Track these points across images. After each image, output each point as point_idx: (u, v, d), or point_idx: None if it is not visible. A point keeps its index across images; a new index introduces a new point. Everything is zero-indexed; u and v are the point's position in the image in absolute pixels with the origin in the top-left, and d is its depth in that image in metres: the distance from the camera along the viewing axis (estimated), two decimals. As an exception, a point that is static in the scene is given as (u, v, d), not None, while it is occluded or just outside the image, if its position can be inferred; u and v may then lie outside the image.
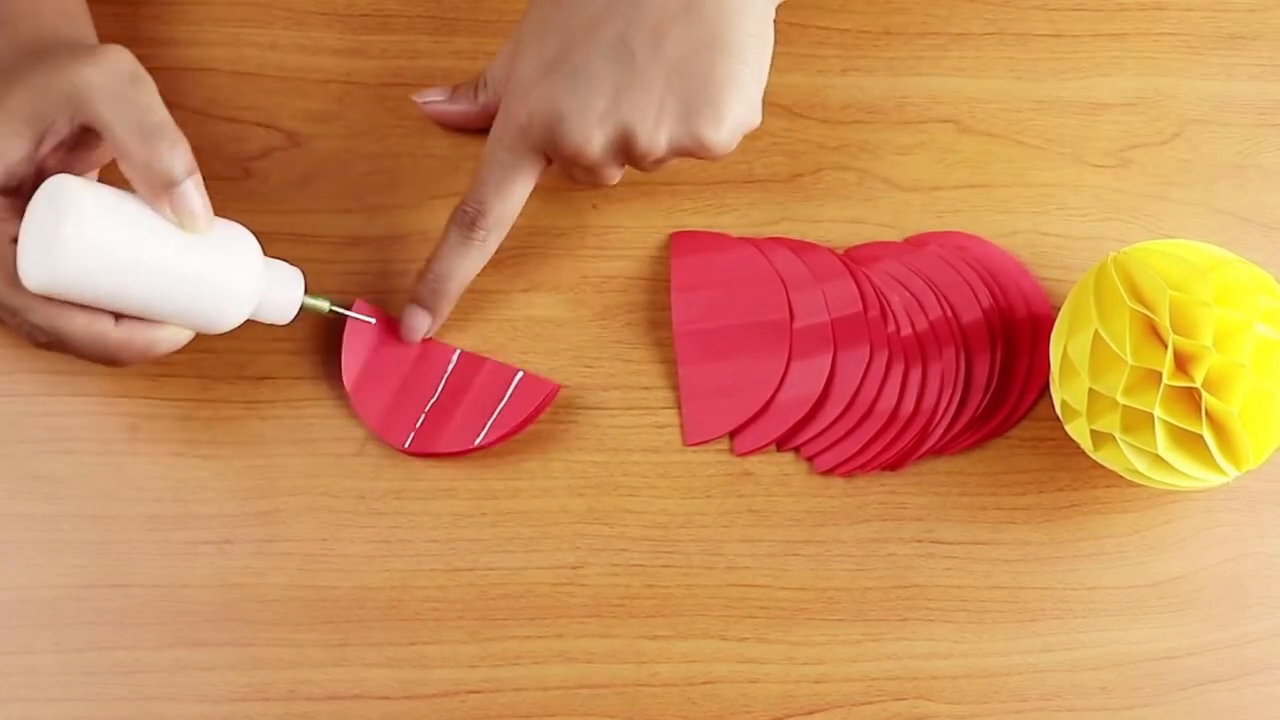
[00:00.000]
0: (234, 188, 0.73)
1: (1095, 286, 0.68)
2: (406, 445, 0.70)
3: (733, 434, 0.72)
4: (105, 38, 0.75)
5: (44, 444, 0.70)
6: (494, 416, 0.70)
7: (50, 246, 0.59)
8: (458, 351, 0.71)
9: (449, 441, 0.70)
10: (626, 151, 0.68)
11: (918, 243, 0.75)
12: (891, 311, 0.73)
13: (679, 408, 0.72)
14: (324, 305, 0.69)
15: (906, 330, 0.73)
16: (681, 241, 0.74)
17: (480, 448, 0.70)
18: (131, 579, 0.68)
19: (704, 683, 0.68)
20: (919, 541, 0.71)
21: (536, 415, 0.70)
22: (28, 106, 0.61)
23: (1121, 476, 0.69)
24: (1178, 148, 0.78)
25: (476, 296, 0.72)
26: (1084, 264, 0.75)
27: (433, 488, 0.70)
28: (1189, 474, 0.66)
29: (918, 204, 0.76)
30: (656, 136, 0.67)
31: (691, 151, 0.68)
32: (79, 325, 0.62)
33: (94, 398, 0.70)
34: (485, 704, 0.68)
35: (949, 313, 0.73)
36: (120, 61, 0.62)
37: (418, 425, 0.70)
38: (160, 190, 0.61)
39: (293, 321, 0.68)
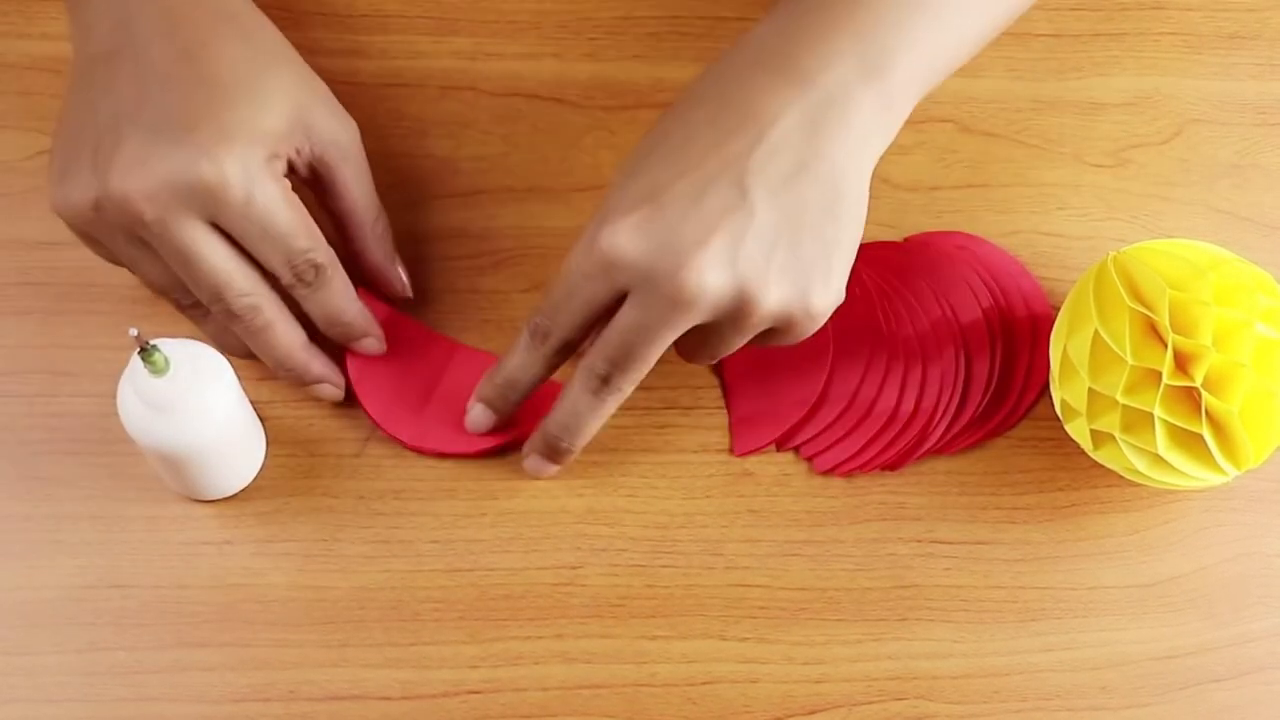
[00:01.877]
0: (234, 188, 0.73)
1: (1095, 286, 0.68)
2: (410, 440, 0.69)
3: (732, 435, 0.72)
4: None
5: (44, 444, 0.70)
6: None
7: (181, 400, 0.62)
8: (464, 348, 0.71)
9: (455, 441, 0.70)
10: (732, 304, 0.62)
11: (918, 243, 0.75)
12: (891, 312, 0.73)
13: (728, 419, 0.72)
14: None
15: (906, 330, 0.73)
16: None
17: (485, 450, 0.70)
18: (131, 579, 0.68)
19: (704, 683, 0.68)
20: (919, 541, 0.71)
21: (536, 419, 0.70)
22: (291, 118, 0.66)
23: (1121, 476, 0.69)
24: (1177, 147, 0.78)
25: (476, 297, 0.72)
26: (1084, 264, 0.75)
27: (433, 488, 0.70)
28: (1189, 474, 0.66)
29: (918, 204, 0.76)
30: (768, 291, 0.62)
31: (792, 319, 0.63)
32: (339, 285, 0.68)
33: (94, 398, 0.70)
34: (485, 704, 0.68)
35: (949, 313, 0.73)
36: (359, 136, 0.69)
37: (422, 420, 0.70)
38: (387, 261, 0.70)
39: None
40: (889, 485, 0.72)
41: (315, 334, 0.69)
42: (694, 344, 0.66)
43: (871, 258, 0.75)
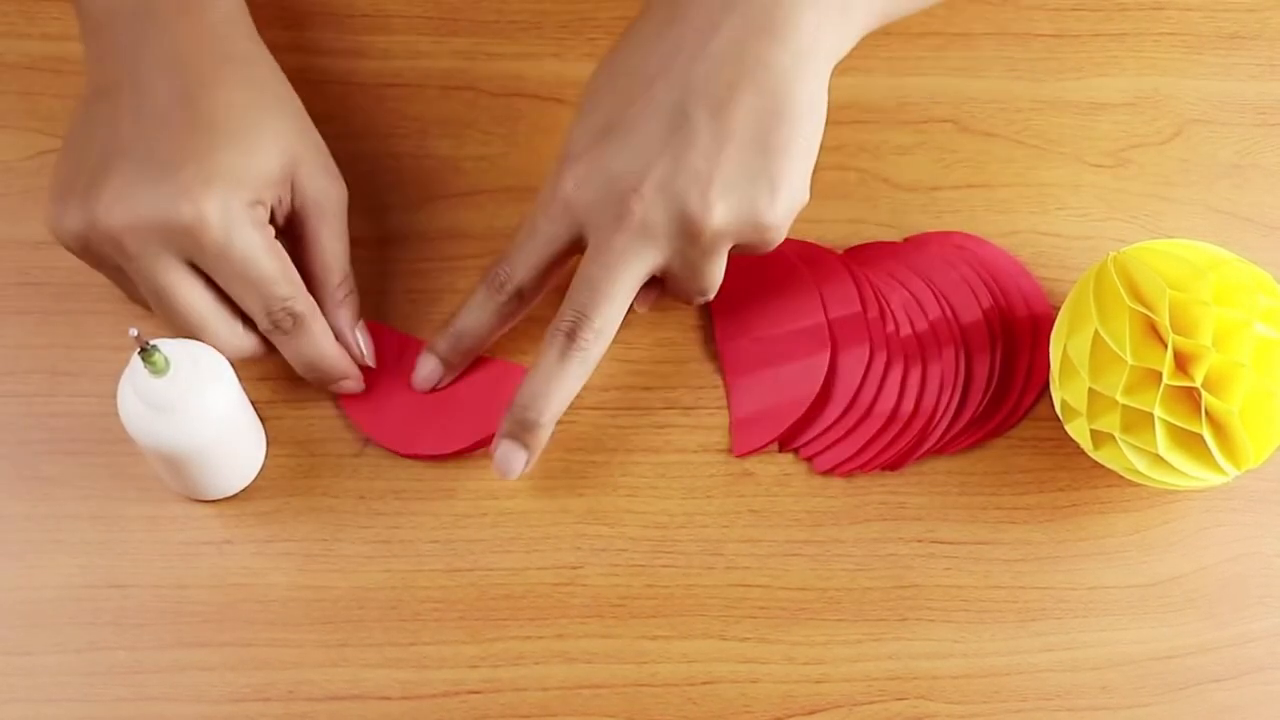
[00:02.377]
0: (234, 188, 0.73)
1: (1095, 286, 0.68)
2: (401, 448, 0.70)
3: (732, 436, 0.72)
4: (105, 38, 0.75)
5: (44, 444, 0.70)
6: (486, 412, 0.70)
7: (181, 400, 0.62)
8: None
9: (446, 442, 0.70)
10: (678, 225, 0.63)
11: (918, 243, 0.75)
12: (891, 312, 0.73)
13: (730, 420, 0.72)
14: None
15: (906, 330, 0.73)
16: None
17: (474, 446, 0.70)
18: (131, 579, 0.68)
19: (704, 683, 0.68)
20: (919, 541, 0.71)
21: None
22: (285, 164, 0.66)
23: (1121, 476, 0.69)
24: (1177, 147, 0.78)
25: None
26: (1084, 264, 0.75)
27: (433, 488, 0.70)
28: (1189, 474, 0.66)
29: (917, 204, 0.76)
30: (711, 210, 0.63)
31: (748, 232, 0.64)
32: (319, 325, 0.68)
33: (94, 398, 0.70)
34: (485, 704, 0.67)
35: (949, 313, 0.73)
36: (344, 198, 0.69)
37: (411, 425, 0.70)
38: (347, 328, 0.69)
39: None
40: (889, 485, 0.72)
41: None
42: (674, 279, 0.66)
43: (871, 258, 0.75)
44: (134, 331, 0.58)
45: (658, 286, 0.68)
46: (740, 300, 0.73)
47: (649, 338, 0.73)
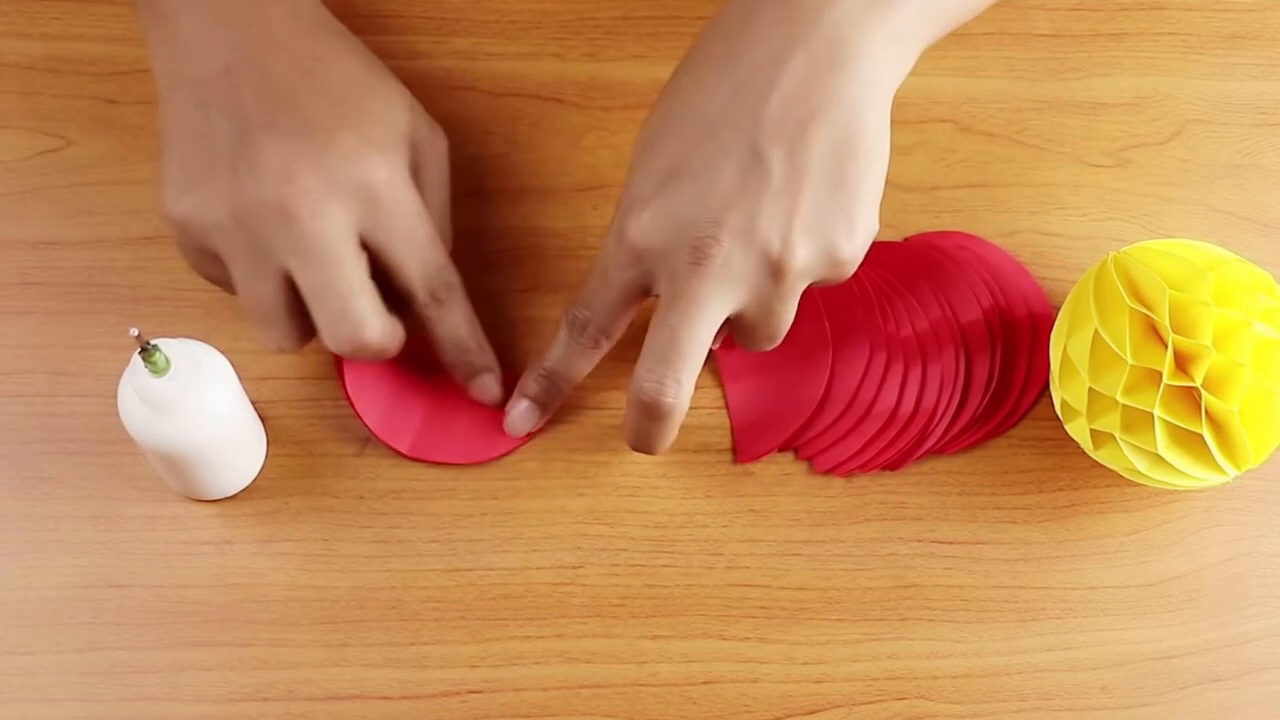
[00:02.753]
0: (234, 188, 0.73)
1: (1095, 286, 0.68)
2: (408, 450, 0.70)
3: (735, 444, 0.71)
4: (107, 38, 0.75)
5: (44, 444, 0.70)
6: (496, 429, 0.70)
7: (181, 400, 0.62)
8: None
9: (454, 451, 0.70)
10: (765, 272, 0.62)
11: (918, 243, 0.75)
12: (891, 312, 0.73)
13: (730, 427, 0.72)
14: None
15: (906, 330, 0.73)
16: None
17: (484, 460, 0.70)
18: (131, 579, 0.68)
19: (704, 682, 0.68)
20: (919, 541, 0.71)
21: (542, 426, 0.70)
22: (407, 127, 0.67)
23: (1121, 476, 0.69)
24: (1177, 147, 0.78)
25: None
26: (1084, 264, 0.75)
27: (433, 488, 0.70)
28: (1189, 473, 0.66)
29: (918, 204, 0.76)
30: (794, 250, 0.62)
31: (826, 269, 0.63)
32: (465, 297, 0.68)
33: (94, 398, 0.70)
34: (485, 704, 0.67)
35: (949, 313, 0.73)
36: (446, 144, 0.70)
37: (420, 430, 0.70)
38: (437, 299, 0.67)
39: None
40: (889, 485, 0.72)
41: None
42: (747, 322, 0.64)
43: (871, 258, 0.74)
44: (134, 331, 0.58)
45: (727, 327, 0.66)
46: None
47: (649, 338, 0.73)
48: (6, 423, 0.70)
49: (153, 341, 0.60)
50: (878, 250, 0.75)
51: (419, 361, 0.71)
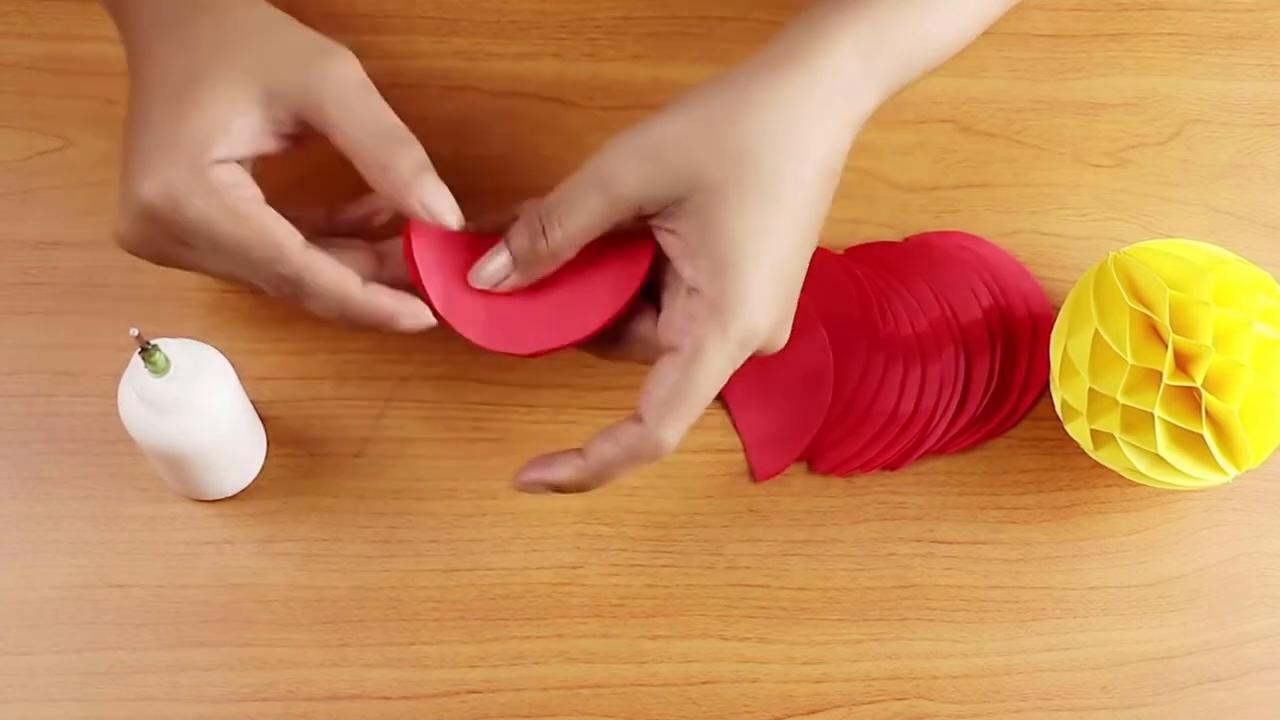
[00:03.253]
0: (234, 188, 0.73)
1: (1095, 286, 0.68)
2: (473, 335, 0.64)
3: (750, 462, 0.71)
4: (107, 38, 0.75)
5: (44, 444, 0.70)
6: (602, 291, 0.64)
7: (182, 400, 0.62)
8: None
9: (519, 340, 0.64)
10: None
11: (918, 243, 0.75)
12: (891, 312, 0.73)
13: (742, 446, 0.72)
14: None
15: (906, 330, 0.73)
16: None
17: (601, 327, 0.64)
18: (131, 579, 0.68)
19: (704, 682, 0.68)
20: (919, 541, 0.71)
21: (642, 281, 0.64)
22: (256, 85, 0.62)
23: (1121, 476, 0.69)
24: (1177, 147, 0.78)
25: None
26: (1084, 264, 0.75)
27: (433, 488, 0.70)
28: (1189, 473, 0.66)
29: (917, 204, 0.76)
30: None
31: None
32: (326, 280, 0.62)
33: (94, 398, 0.70)
34: (485, 704, 0.67)
35: (949, 313, 0.73)
36: (352, 66, 0.64)
37: (485, 312, 0.64)
38: (406, 188, 0.62)
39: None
40: (889, 485, 0.72)
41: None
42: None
43: (871, 258, 0.75)
44: (134, 331, 0.58)
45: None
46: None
47: (649, 338, 0.73)
48: (6, 423, 0.70)
49: (153, 341, 0.60)
50: (878, 250, 0.75)
51: (491, 239, 0.65)
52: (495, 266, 0.64)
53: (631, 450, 0.61)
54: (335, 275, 0.63)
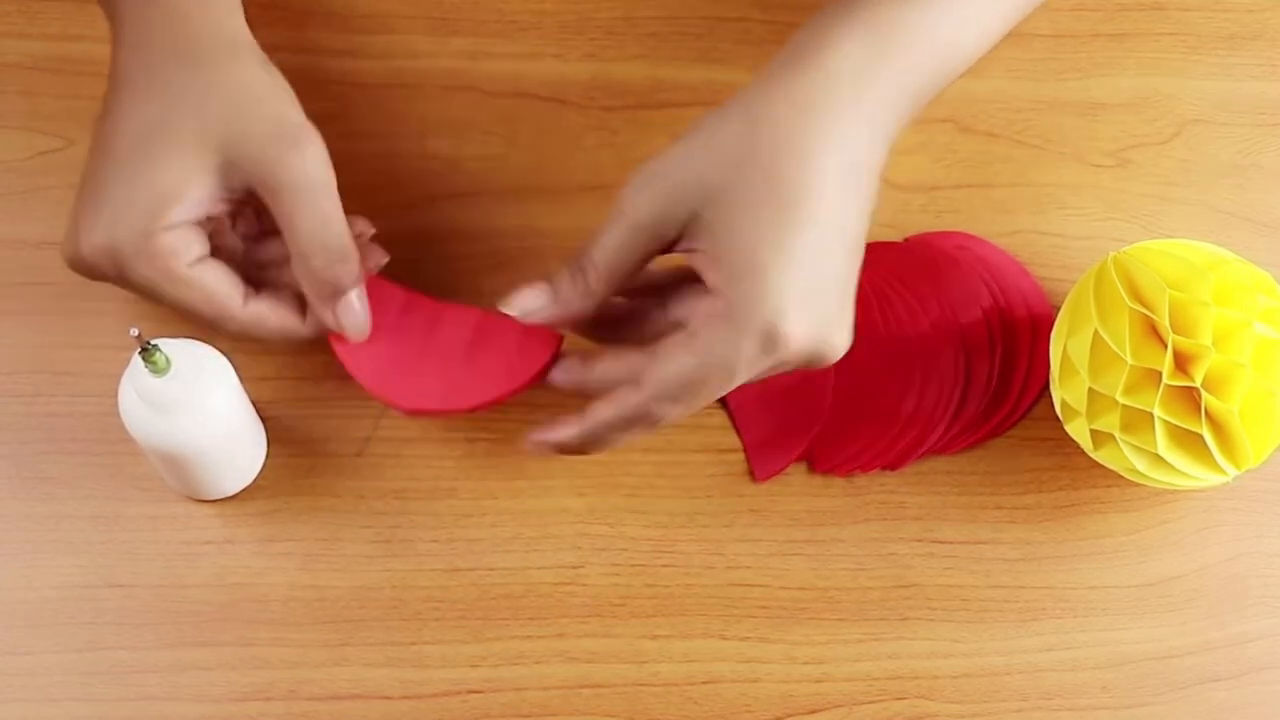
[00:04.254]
0: (234, 188, 0.73)
1: (1095, 286, 0.68)
2: (406, 405, 0.67)
3: (751, 463, 0.71)
4: (107, 39, 0.75)
5: (44, 444, 0.70)
6: (496, 372, 0.67)
7: (182, 400, 0.62)
8: (452, 306, 0.68)
9: (450, 398, 0.67)
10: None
11: (918, 243, 0.75)
12: (891, 312, 0.73)
13: (743, 446, 0.72)
14: None
15: (906, 330, 0.73)
16: None
17: (484, 405, 0.67)
18: (132, 579, 0.68)
19: (704, 682, 0.68)
20: (919, 541, 0.71)
21: (542, 374, 0.67)
22: (216, 156, 0.63)
23: (1121, 476, 0.69)
24: (1177, 148, 0.78)
25: (477, 297, 0.72)
26: (1084, 264, 0.75)
27: (433, 488, 0.70)
28: (1189, 473, 0.66)
29: (918, 204, 0.76)
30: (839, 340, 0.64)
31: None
32: (272, 328, 0.66)
33: (94, 398, 0.70)
34: (486, 704, 0.68)
35: (949, 313, 0.73)
36: (319, 165, 0.64)
37: (416, 383, 0.67)
38: (326, 299, 0.65)
39: None
40: (889, 485, 0.72)
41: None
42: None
43: (871, 258, 0.74)
44: (134, 331, 0.58)
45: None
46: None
47: (649, 338, 0.73)
48: (6, 423, 0.70)
49: (153, 341, 0.60)
50: (878, 250, 0.75)
51: (409, 314, 0.68)
52: (530, 297, 0.65)
53: (627, 417, 0.63)
54: (279, 323, 0.66)
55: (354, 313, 0.66)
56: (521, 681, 0.68)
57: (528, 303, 0.65)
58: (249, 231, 0.68)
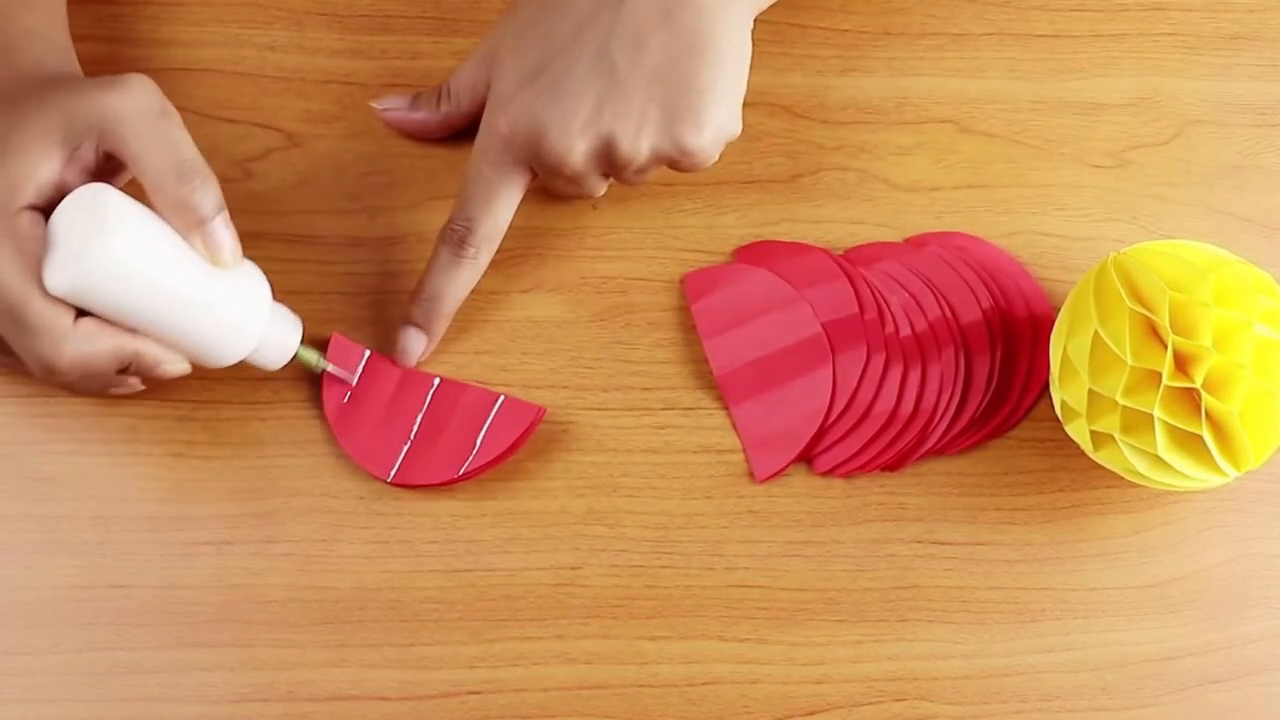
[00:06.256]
0: (234, 188, 0.73)
1: (1095, 287, 0.68)
2: (390, 478, 0.69)
3: (750, 463, 0.71)
4: (105, 38, 0.75)
5: (44, 444, 0.70)
6: (477, 446, 0.69)
7: (83, 251, 0.60)
8: (438, 380, 0.71)
9: (433, 473, 0.69)
10: (609, 160, 0.68)
11: (917, 243, 0.75)
12: (890, 312, 0.73)
13: (741, 446, 0.72)
14: (317, 361, 0.69)
15: (905, 331, 0.73)
16: (695, 284, 0.73)
17: (465, 477, 0.70)
18: (131, 579, 0.68)
19: (704, 683, 0.68)
20: (919, 542, 0.71)
21: (522, 442, 0.70)
22: (58, 130, 0.62)
23: (1121, 477, 0.69)
24: (1177, 148, 0.78)
25: (477, 298, 0.72)
26: (1084, 264, 0.75)
27: (433, 488, 0.70)
28: (1189, 475, 0.66)
29: (917, 204, 0.76)
30: (638, 144, 0.67)
31: (674, 160, 0.68)
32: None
33: (94, 398, 0.70)
34: (485, 705, 0.67)
35: (948, 313, 0.73)
36: (148, 94, 0.63)
37: (400, 457, 0.70)
38: (193, 226, 0.63)
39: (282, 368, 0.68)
40: (889, 486, 0.72)
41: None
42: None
43: (871, 258, 0.75)
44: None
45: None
46: (728, 326, 0.72)
47: (649, 338, 0.73)
48: (6, 423, 0.70)
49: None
50: (878, 250, 0.75)
51: (398, 389, 0.70)
52: (395, 99, 0.74)
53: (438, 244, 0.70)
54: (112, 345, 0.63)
55: (220, 237, 0.63)
56: (521, 682, 0.68)
57: (391, 101, 0.74)
58: None
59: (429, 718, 0.67)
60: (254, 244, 0.72)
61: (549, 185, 0.70)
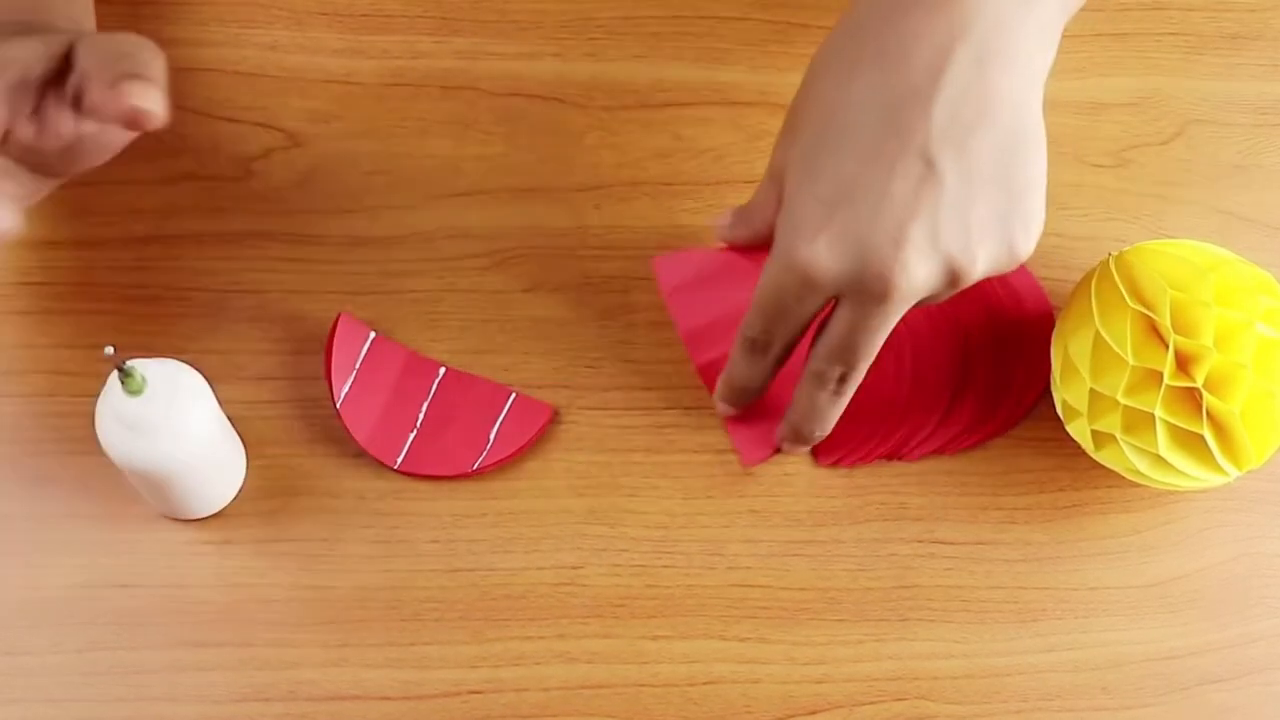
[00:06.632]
0: (234, 188, 0.73)
1: (1096, 286, 0.68)
2: (397, 465, 0.70)
3: (737, 448, 0.71)
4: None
5: (44, 444, 0.70)
6: (490, 442, 0.70)
7: (159, 421, 0.61)
8: (443, 369, 0.71)
9: (444, 464, 0.70)
10: (950, 280, 0.61)
11: (918, 243, 0.75)
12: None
13: (728, 434, 0.71)
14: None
15: (905, 330, 0.73)
16: (667, 271, 0.73)
17: (476, 473, 0.70)
18: (131, 579, 0.68)
19: (705, 683, 0.68)
20: (920, 542, 0.71)
21: (533, 441, 0.70)
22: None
23: (1122, 477, 0.69)
24: (1178, 148, 0.78)
25: (478, 297, 0.72)
26: (1084, 264, 0.75)
27: (433, 488, 0.70)
28: (1190, 474, 0.66)
29: (918, 204, 0.76)
30: (976, 257, 0.61)
31: (1003, 268, 0.62)
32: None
33: (94, 398, 0.70)
34: (486, 705, 0.67)
35: (949, 313, 0.73)
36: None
37: (408, 444, 0.70)
38: (109, 100, 0.56)
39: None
40: (890, 485, 0.72)
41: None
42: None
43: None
44: (109, 350, 0.58)
45: None
46: (706, 319, 0.72)
47: (651, 338, 0.73)
48: (6, 423, 0.70)
49: (129, 362, 0.60)
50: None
51: (408, 377, 0.71)
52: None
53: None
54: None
55: (150, 93, 0.56)
56: (522, 682, 0.68)
57: (721, 220, 0.69)
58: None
59: (430, 717, 0.67)
60: (255, 244, 0.73)
61: (866, 324, 0.63)
